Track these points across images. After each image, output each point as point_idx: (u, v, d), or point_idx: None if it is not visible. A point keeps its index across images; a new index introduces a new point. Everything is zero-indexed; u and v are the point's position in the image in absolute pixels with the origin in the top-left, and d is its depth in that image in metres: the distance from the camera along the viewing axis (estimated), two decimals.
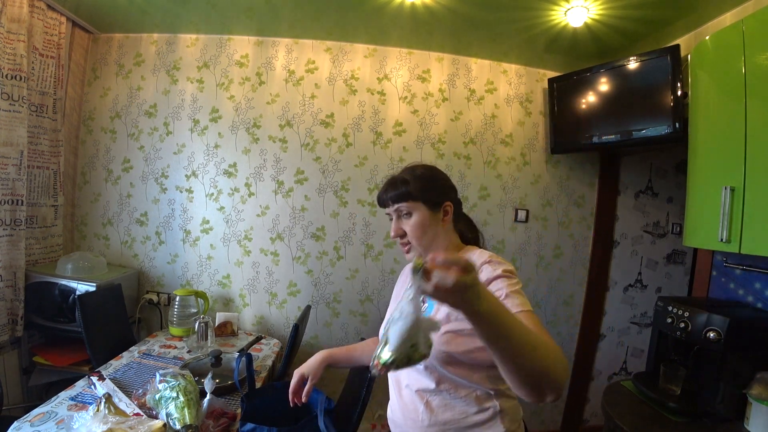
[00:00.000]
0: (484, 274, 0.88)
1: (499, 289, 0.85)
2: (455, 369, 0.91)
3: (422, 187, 0.99)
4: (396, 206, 1.00)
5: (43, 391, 2.05)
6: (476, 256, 0.95)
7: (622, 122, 2.06)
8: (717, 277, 1.68)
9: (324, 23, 2.17)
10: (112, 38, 2.39)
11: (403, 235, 0.99)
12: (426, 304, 0.94)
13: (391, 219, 1.02)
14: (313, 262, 2.41)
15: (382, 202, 1.03)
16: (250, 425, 1.03)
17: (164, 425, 1.13)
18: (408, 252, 1.01)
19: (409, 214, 0.99)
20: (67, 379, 1.78)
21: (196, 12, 2.12)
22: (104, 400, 1.19)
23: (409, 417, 0.97)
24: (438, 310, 0.94)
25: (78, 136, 2.38)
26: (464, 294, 0.61)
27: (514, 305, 0.81)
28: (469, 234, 1.10)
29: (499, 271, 0.87)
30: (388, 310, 1.19)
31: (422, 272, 0.61)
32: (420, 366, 0.94)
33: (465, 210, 1.18)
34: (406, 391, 0.99)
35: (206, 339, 1.90)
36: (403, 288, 1.11)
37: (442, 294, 0.60)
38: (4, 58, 1.80)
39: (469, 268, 0.59)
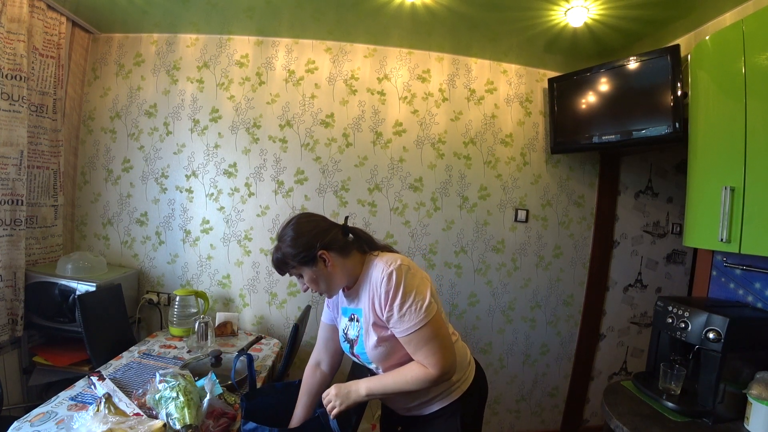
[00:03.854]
0: (382, 299, 1.02)
1: (389, 317, 1.02)
2: (392, 366, 1.09)
3: (292, 255, 1.07)
4: (286, 273, 1.12)
5: (43, 391, 2.05)
6: (374, 275, 1.06)
7: (622, 122, 2.06)
8: (717, 277, 1.68)
9: (324, 23, 2.17)
10: (112, 38, 2.39)
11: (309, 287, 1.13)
12: (359, 323, 1.12)
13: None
14: None
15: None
16: (252, 424, 1.04)
17: (164, 425, 1.13)
18: (321, 294, 1.16)
19: (300, 275, 1.11)
20: (67, 379, 1.78)
21: (196, 12, 2.12)
22: (104, 400, 1.19)
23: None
24: (368, 331, 1.08)
25: (78, 136, 2.38)
26: (348, 402, 1.03)
27: (401, 331, 1.01)
28: (367, 247, 1.17)
29: (390, 297, 1.01)
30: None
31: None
32: (372, 366, 1.14)
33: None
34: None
35: (206, 339, 1.90)
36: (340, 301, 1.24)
37: (340, 410, 1.03)
38: (4, 58, 1.80)
39: (336, 395, 1.04)
